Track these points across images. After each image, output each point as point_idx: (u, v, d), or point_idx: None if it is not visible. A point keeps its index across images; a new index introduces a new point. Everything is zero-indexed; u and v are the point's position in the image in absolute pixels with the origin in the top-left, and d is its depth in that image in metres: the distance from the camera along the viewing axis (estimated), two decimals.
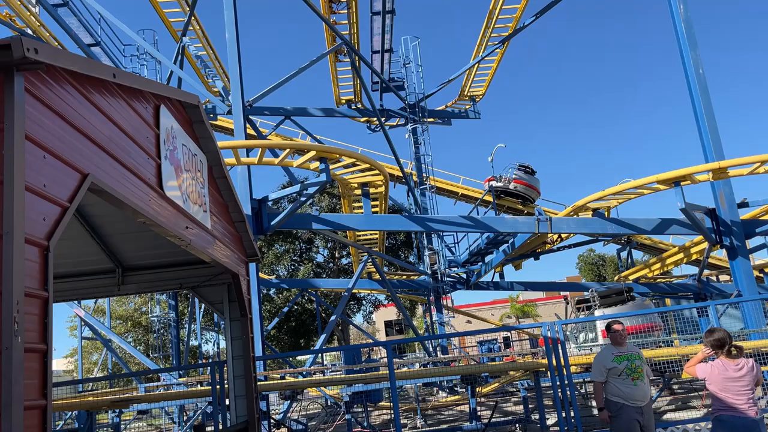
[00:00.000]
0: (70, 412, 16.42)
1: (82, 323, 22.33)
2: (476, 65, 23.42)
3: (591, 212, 15.78)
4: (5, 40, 2.83)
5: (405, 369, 18.76)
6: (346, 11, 19.98)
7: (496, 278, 24.50)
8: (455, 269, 24.15)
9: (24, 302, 2.78)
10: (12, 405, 2.62)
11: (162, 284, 8.79)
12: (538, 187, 26.46)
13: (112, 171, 4.09)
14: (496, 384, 15.88)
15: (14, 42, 2.80)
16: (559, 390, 9.67)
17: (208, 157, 6.86)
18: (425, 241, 22.97)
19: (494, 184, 25.19)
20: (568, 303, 19.52)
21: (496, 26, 21.45)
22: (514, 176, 25.61)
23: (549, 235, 18.45)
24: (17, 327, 2.70)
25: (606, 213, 15.79)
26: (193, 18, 18.42)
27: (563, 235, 19.35)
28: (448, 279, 23.35)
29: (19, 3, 17.45)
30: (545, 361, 10.37)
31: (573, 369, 10.71)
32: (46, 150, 3.18)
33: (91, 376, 30.07)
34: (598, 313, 15.50)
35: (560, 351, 9.82)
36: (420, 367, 17.46)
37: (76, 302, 18.75)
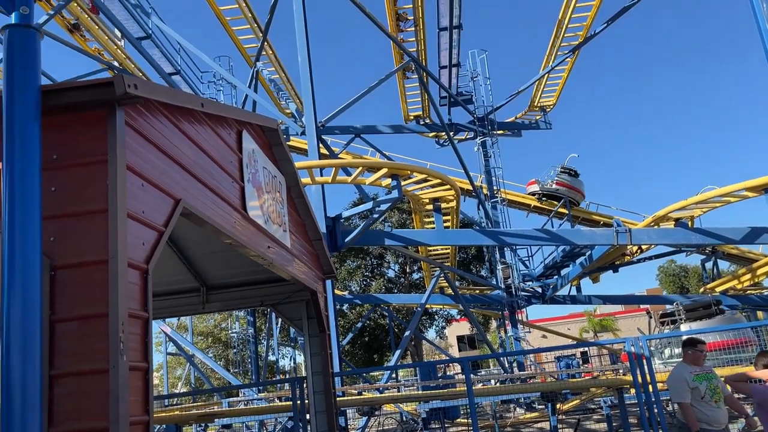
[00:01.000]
0: (158, 426, 17.08)
1: (167, 339, 23.25)
2: (546, 75, 23.07)
3: (673, 222, 15.16)
4: (108, 78, 3.04)
5: (481, 385, 18.50)
6: (413, 29, 20.16)
7: (573, 292, 23.84)
8: (530, 283, 23.69)
9: (128, 323, 2.95)
10: (119, 421, 2.77)
11: (244, 302, 9.07)
12: (582, 189, 25.84)
13: (201, 195, 4.29)
14: (577, 401, 15.39)
15: (116, 79, 3.00)
16: (646, 408, 9.29)
17: (286, 178, 7.07)
18: (498, 255, 22.66)
19: (537, 187, 24.72)
20: (651, 317, 18.76)
21: (566, 35, 21.10)
22: (556, 179, 25.07)
23: (628, 247, 17.85)
24: (123, 347, 2.86)
25: (689, 223, 15.14)
26: (266, 43, 19.05)
27: (643, 247, 18.66)
28: (523, 293, 22.92)
29: (107, 38, 18.58)
30: (629, 377, 10.01)
31: (660, 386, 10.28)
32: (144, 178, 3.38)
33: (176, 391, 31.18)
34: (684, 327, 14.84)
35: (645, 367, 9.46)
36: (496, 383, 17.18)
37: (161, 319, 19.58)
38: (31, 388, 2.65)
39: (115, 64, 19.02)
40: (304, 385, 10.18)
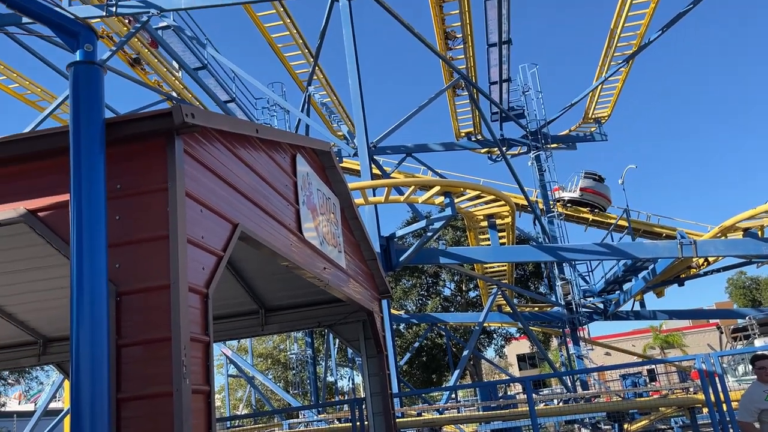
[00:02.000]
0: None
1: (228, 361, 23.66)
2: (600, 86, 22.64)
3: (741, 232, 14.51)
4: (166, 109, 3.15)
5: (543, 405, 18.03)
6: (461, 46, 20.18)
7: (636, 307, 23.04)
8: (591, 299, 23.04)
9: (190, 347, 3.01)
10: None
11: (301, 323, 9.13)
12: (608, 194, 25.10)
13: (258, 219, 4.36)
14: (646, 421, 14.78)
15: (174, 110, 3.10)
16: (720, 428, 8.84)
17: (339, 199, 7.13)
18: (556, 271, 22.18)
19: (562, 193, 24.09)
20: (722, 332, 17.93)
21: (618, 45, 20.70)
22: (580, 184, 24.38)
23: (694, 259, 17.16)
24: (185, 370, 2.91)
25: (759, 232, 14.45)
26: (317, 68, 19.41)
27: (710, 259, 17.91)
28: (584, 309, 22.31)
29: (165, 70, 19.33)
30: (701, 396, 9.56)
31: (734, 405, 9.77)
32: (203, 204, 3.46)
33: (238, 413, 31.61)
34: (758, 342, 14.11)
35: (718, 385, 9.02)
36: (560, 403, 16.71)
37: (222, 342, 19.95)
38: (100, 411, 2.72)
39: (174, 94, 19.73)
40: (364, 407, 10.15)
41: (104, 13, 14.65)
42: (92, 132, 3.00)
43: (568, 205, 24.88)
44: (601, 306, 23.07)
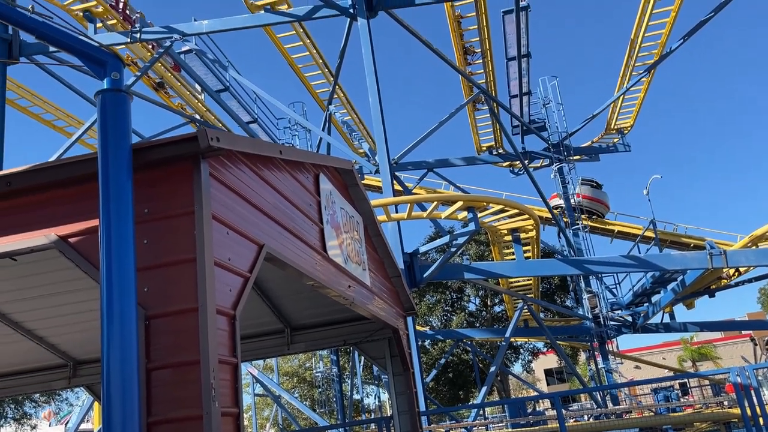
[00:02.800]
0: None
1: (254, 381, 23.69)
2: (621, 96, 22.47)
3: None
4: (192, 133, 3.19)
5: (573, 421, 17.73)
6: (480, 61, 20.20)
7: (666, 319, 22.62)
8: (619, 312, 22.69)
9: (218, 369, 3.02)
10: None
11: (327, 342, 9.11)
12: (606, 200, 24.81)
13: (283, 239, 4.38)
14: None
15: (200, 133, 3.14)
16: None
17: (363, 217, 7.14)
18: (583, 284, 21.89)
19: (559, 201, 23.84)
20: (756, 343, 17.51)
21: (639, 54, 20.56)
22: (577, 191, 24.09)
23: (724, 270, 16.82)
24: (214, 393, 2.92)
25: None
26: (337, 87, 19.57)
27: (741, 269, 17.54)
28: (612, 323, 21.96)
29: (188, 93, 19.65)
30: (736, 410, 9.32)
31: None
32: (229, 226, 3.49)
33: None
34: None
35: (754, 398, 8.79)
36: (590, 418, 16.41)
37: (248, 361, 20.00)
38: None
39: (197, 116, 20.02)
40: (391, 425, 10.07)
41: (129, 40, 14.99)
42: (120, 158, 3.05)
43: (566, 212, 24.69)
44: (630, 319, 22.70)
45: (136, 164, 3.17)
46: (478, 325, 37.55)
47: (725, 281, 18.87)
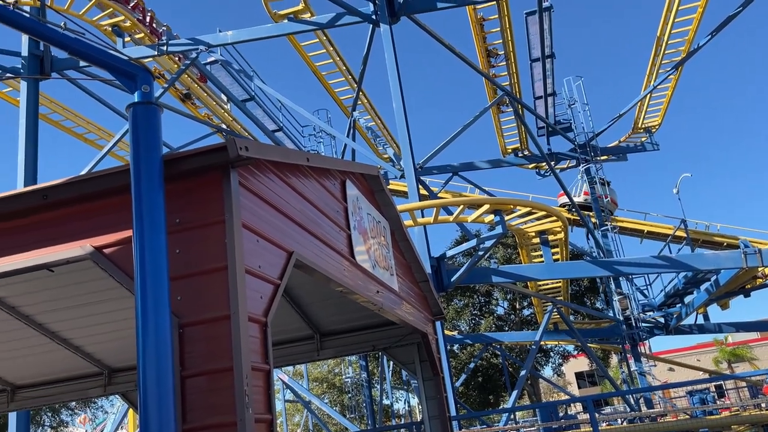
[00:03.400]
0: None
1: (284, 387, 23.81)
2: (649, 95, 22.16)
3: None
4: (221, 143, 3.24)
5: (606, 425, 17.47)
6: (504, 63, 20.11)
7: (700, 320, 22.19)
8: (650, 313, 22.31)
9: (251, 376, 3.05)
10: None
11: (356, 347, 9.13)
12: (614, 197, 24.30)
13: (312, 246, 4.41)
14: None
15: (229, 143, 3.18)
16: None
17: (389, 222, 7.16)
18: (613, 285, 21.59)
19: (565, 199, 23.54)
20: None
21: (666, 52, 20.26)
22: (584, 188, 23.75)
23: (760, 269, 16.44)
24: (248, 400, 2.95)
25: None
26: (360, 93, 19.65)
27: None
28: (644, 324, 21.62)
29: (214, 103, 19.91)
30: None
31: None
32: (259, 234, 3.53)
33: None
34: None
35: None
36: (623, 422, 16.15)
37: (279, 368, 20.12)
38: None
39: (224, 126, 20.27)
40: (422, 430, 10.04)
41: (156, 53, 15.24)
42: (152, 170, 3.11)
43: (573, 210, 24.39)
44: (662, 320, 22.31)
45: (167, 175, 3.23)
46: (506, 328, 37.29)
47: (761, 280, 18.45)
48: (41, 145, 14.19)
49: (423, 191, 18.20)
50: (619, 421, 17.63)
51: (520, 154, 24.01)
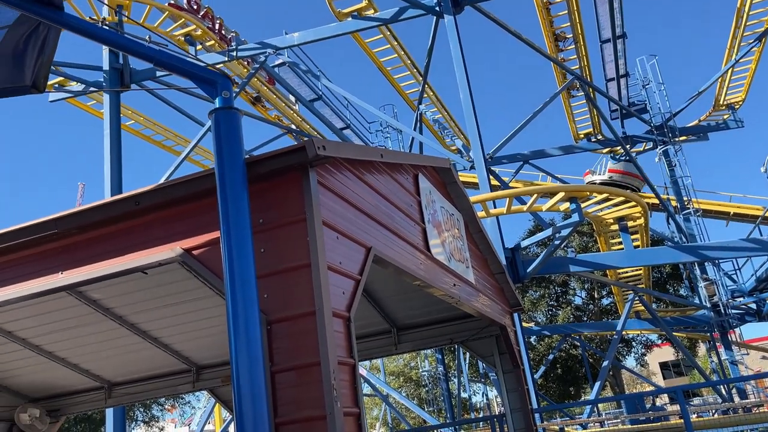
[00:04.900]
0: None
1: (363, 381, 24.10)
2: (730, 69, 21.02)
3: None
4: (299, 144, 3.30)
5: (696, 417, 16.76)
6: (573, 46, 19.55)
7: None
8: (740, 299, 21.22)
9: (338, 370, 3.10)
10: None
11: (433, 341, 9.13)
12: (639, 173, 23.10)
13: (388, 241, 4.44)
14: None
15: (308, 144, 3.25)
16: None
17: (462, 214, 7.11)
18: (698, 271, 20.65)
19: (592, 177, 22.46)
20: None
21: (748, 23, 19.15)
22: (609, 165, 22.59)
23: None
24: (336, 393, 3.01)
25: None
26: (426, 86, 19.58)
27: None
28: (734, 311, 20.57)
29: (283, 105, 20.33)
30: None
31: None
32: (338, 231, 3.58)
33: None
34: None
35: None
36: (715, 414, 15.46)
37: None
38: None
39: (293, 126, 20.68)
40: (504, 423, 9.94)
41: (226, 58, 15.70)
42: (235, 172, 3.21)
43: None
44: (754, 306, 21.16)
45: (250, 176, 3.32)
46: (585, 319, 36.35)
47: None
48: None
49: (494, 182, 17.97)
50: (710, 412, 16.88)
51: (593, 139, 23.29)
